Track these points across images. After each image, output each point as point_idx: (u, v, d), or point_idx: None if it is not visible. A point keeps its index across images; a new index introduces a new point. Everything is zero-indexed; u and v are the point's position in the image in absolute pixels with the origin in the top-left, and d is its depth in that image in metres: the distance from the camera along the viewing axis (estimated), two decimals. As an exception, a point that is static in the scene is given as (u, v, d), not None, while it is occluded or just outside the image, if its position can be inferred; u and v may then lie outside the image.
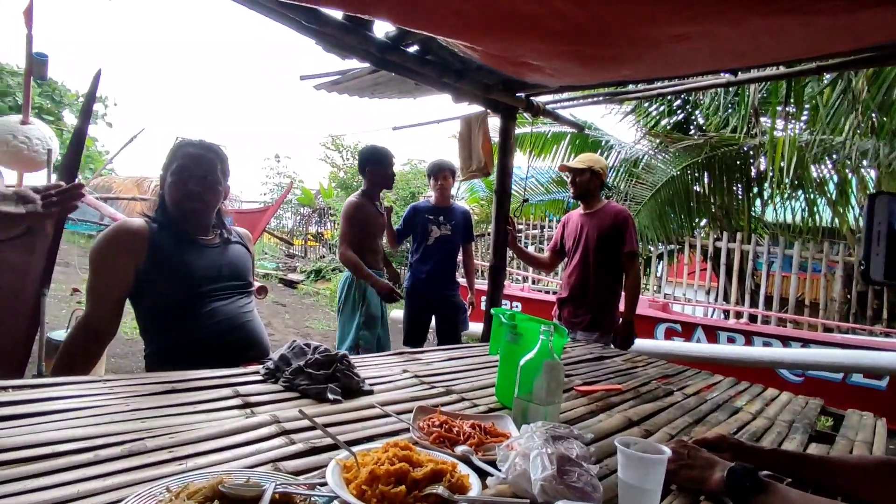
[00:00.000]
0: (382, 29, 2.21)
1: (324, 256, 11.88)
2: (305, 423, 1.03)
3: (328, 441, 0.95)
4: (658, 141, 6.90)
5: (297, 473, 0.83)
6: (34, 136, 3.73)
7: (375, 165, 3.03)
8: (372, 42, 2.18)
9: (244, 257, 1.72)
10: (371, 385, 1.37)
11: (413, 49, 2.40)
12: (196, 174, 1.56)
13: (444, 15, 1.51)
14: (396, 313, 5.75)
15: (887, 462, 0.97)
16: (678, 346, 4.14)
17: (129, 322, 1.47)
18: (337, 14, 2.01)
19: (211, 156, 1.61)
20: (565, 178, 8.43)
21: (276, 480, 0.73)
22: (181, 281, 1.50)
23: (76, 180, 1.66)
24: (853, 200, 6.14)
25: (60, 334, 3.50)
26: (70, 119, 13.69)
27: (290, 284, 9.74)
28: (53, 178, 3.45)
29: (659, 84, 2.94)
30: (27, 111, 3.73)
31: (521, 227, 8.13)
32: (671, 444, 0.95)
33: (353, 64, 2.55)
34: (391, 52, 2.28)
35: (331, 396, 1.22)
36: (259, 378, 1.32)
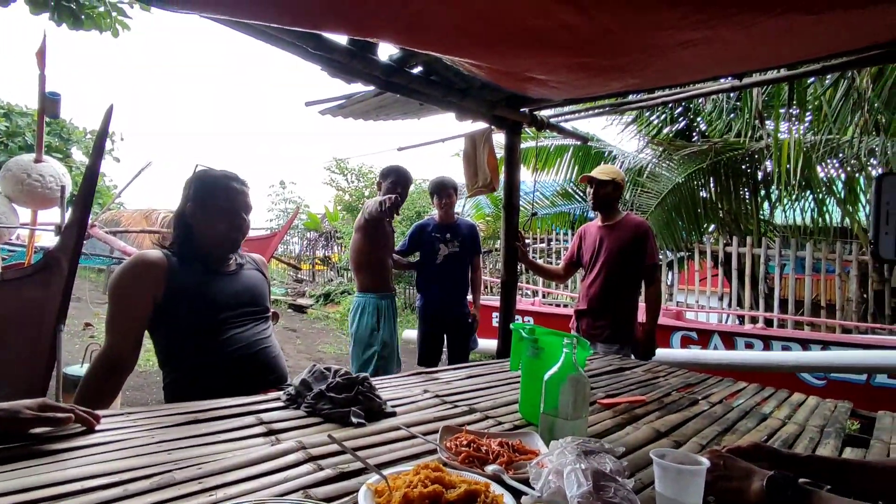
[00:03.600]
0: (386, 51, 2.25)
1: (332, 280, 11.90)
2: (331, 448, 1.02)
3: (356, 465, 0.94)
4: (661, 149, 6.91)
5: (328, 500, 0.82)
6: (48, 174, 3.80)
7: (384, 178, 3.06)
8: (377, 65, 2.21)
9: (260, 283, 1.73)
10: (393, 406, 1.35)
11: (417, 70, 2.43)
12: (241, 209, 1.61)
13: (451, 34, 1.53)
14: (408, 333, 5.74)
15: None
16: (697, 353, 4.09)
17: (142, 354, 1.47)
18: (342, 39, 2.04)
19: (247, 190, 1.65)
20: (570, 190, 8.49)
21: (310, 508, 0.72)
22: (199, 310, 1.51)
23: (89, 216, 1.67)
24: (862, 199, 6.10)
25: (76, 369, 3.52)
26: (78, 156, 13.91)
27: (300, 309, 9.75)
28: (67, 213, 3.49)
29: (662, 93, 2.96)
30: (40, 149, 3.80)
31: (528, 241, 8.13)
32: (706, 455, 0.93)
33: (358, 87, 2.59)
34: (396, 75, 2.31)
35: (354, 420, 1.21)
36: (281, 404, 1.31)
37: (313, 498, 0.82)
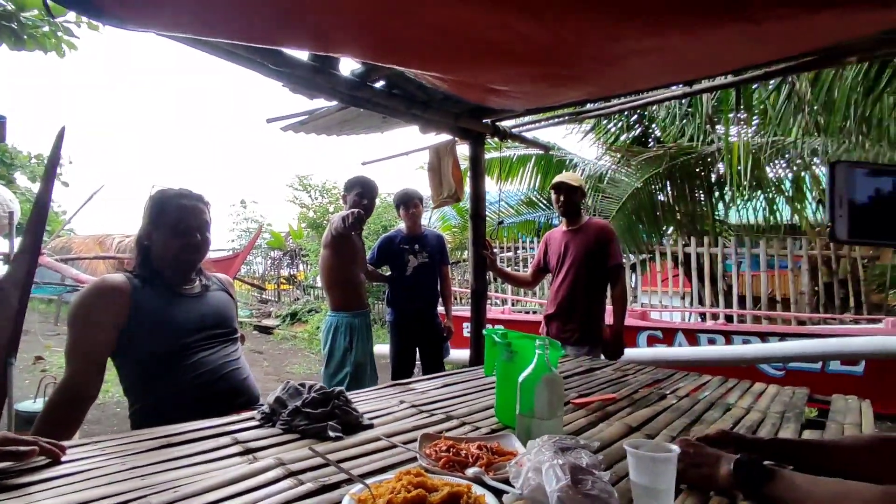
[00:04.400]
0: (349, 66, 2.26)
1: (298, 299, 11.69)
2: (311, 462, 1.01)
3: (338, 477, 0.93)
4: (619, 156, 7.13)
5: (311, 513, 0.81)
6: (-6, 201, 3.63)
7: (348, 192, 2.96)
8: (339, 80, 2.23)
9: (227, 304, 1.69)
10: (370, 419, 1.35)
11: (380, 84, 2.45)
12: (194, 225, 1.56)
13: (414, 48, 1.56)
14: (381, 348, 5.69)
15: (880, 438, 1.01)
16: (663, 351, 4.21)
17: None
18: (303, 55, 2.05)
19: (202, 206, 1.61)
20: (534, 198, 8.65)
21: (293, 521, 0.71)
22: (165, 335, 1.47)
23: (42, 244, 1.60)
24: (809, 196, 6.44)
25: (28, 405, 3.34)
26: (23, 181, 13.32)
27: (266, 331, 9.54)
28: (17, 242, 3.34)
29: (618, 101, 3.07)
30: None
31: (495, 250, 8.22)
32: (676, 444, 0.96)
33: (320, 103, 2.59)
34: (359, 89, 2.33)
35: (332, 434, 1.20)
36: (255, 423, 1.28)
37: (295, 513, 0.81)
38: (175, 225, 1.54)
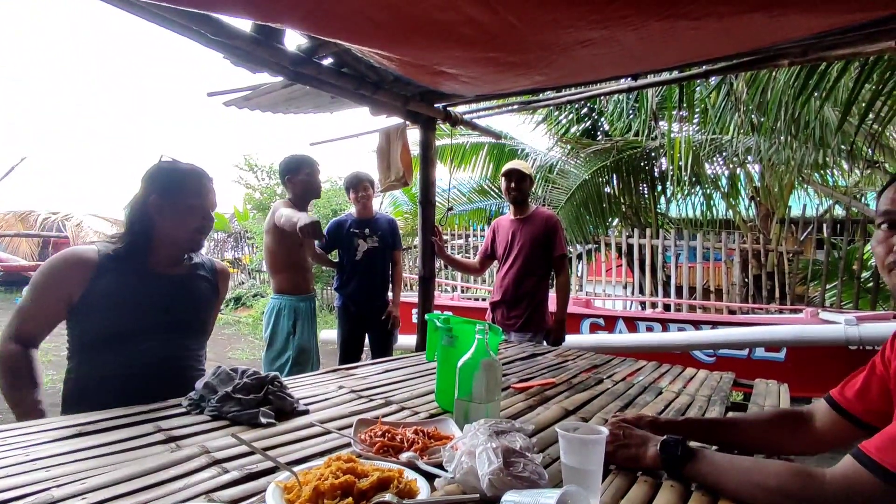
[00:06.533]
0: (294, 41, 2.16)
1: (243, 282, 11.31)
2: (238, 450, 0.97)
3: (265, 465, 0.90)
4: (569, 147, 7.27)
5: (234, 502, 0.78)
6: None
7: (294, 174, 2.80)
8: (284, 55, 2.12)
9: (203, 295, 1.57)
10: (306, 405, 1.31)
11: (328, 62, 2.36)
12: (209, 207, 1.52)
13: (358, 22, 1.50)
14: (327, 333, 5.59)
15: (780, 412, 1.11)
16: (603, 338, 4.35)
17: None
18: (245, 25, 1.94)
19: (212, 186, 1.55)
20: (486, 187, 8.70)
21: (211, 511, 0.68)
22: (120, 316, 1.37)
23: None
24: (743, 193, 6.81)
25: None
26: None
27: (209, 314, 9.18)
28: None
29: (567, 92, 3.10)
30: None
31: (446, 237, 8.23)
32: (608, 426, 0.99)
33: (265, 78, 2.47)
34: (305, 65, 2.23)
35: (263, 420, 1.16)
36: (182, 410, 1.22)
37: (218, 501, 0.77)
38: (193, 205, 1.48)
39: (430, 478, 0.86)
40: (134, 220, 1.46)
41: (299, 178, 2.80)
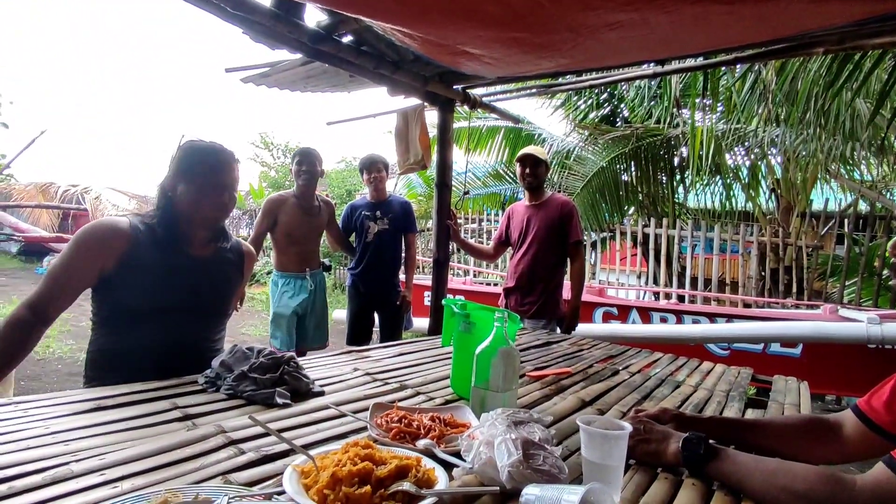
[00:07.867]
0: (314, 17, 2.13)
1: (257, 259, 11.41)
2: (254, 431, 0.96)
3: (281, 448, 0.89)
4: (587, 133, 7.14)
5: (251, 484, 0.77)
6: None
7: (292, 161, 3.15)
8: (303, 31, 2.09)
9: (227, 279, 1.58)
10: (322, 386, 1.31)
11: (347, 39, 2.32)
12: (223, 183, 1.48)
13: (380, -2, 1.47)
14: (339, 313, 5.62)
15: (809, 419, 1.06)
16: (617, 328, 4.32)
17: (42, 341, 1.34)
18: (266, 0, 1.91)
19: (233, 163, 1.52)
20: (501, 171, 8.61)
21: (229, 493, 0.67)
22: (147, 293, 1.38)
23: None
24: (763, 185, 6.65)
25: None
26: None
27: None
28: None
29: (589, 76, 3.03)
30: None
31: (460, 220, 8.19)
32: (628, 419, 0.97)
33: (284, 55, 2.44)
34: (324, 42, 2.19)
35: (279, 401, 1.16)
36: (198, 388, 1.23)
37: (234, 483, 0.77)
38: (205, 182, 1.45)
39: (447, 467, 0.85)
40: (162, 199, 1.48)
41: (293, 166, 3.15)
